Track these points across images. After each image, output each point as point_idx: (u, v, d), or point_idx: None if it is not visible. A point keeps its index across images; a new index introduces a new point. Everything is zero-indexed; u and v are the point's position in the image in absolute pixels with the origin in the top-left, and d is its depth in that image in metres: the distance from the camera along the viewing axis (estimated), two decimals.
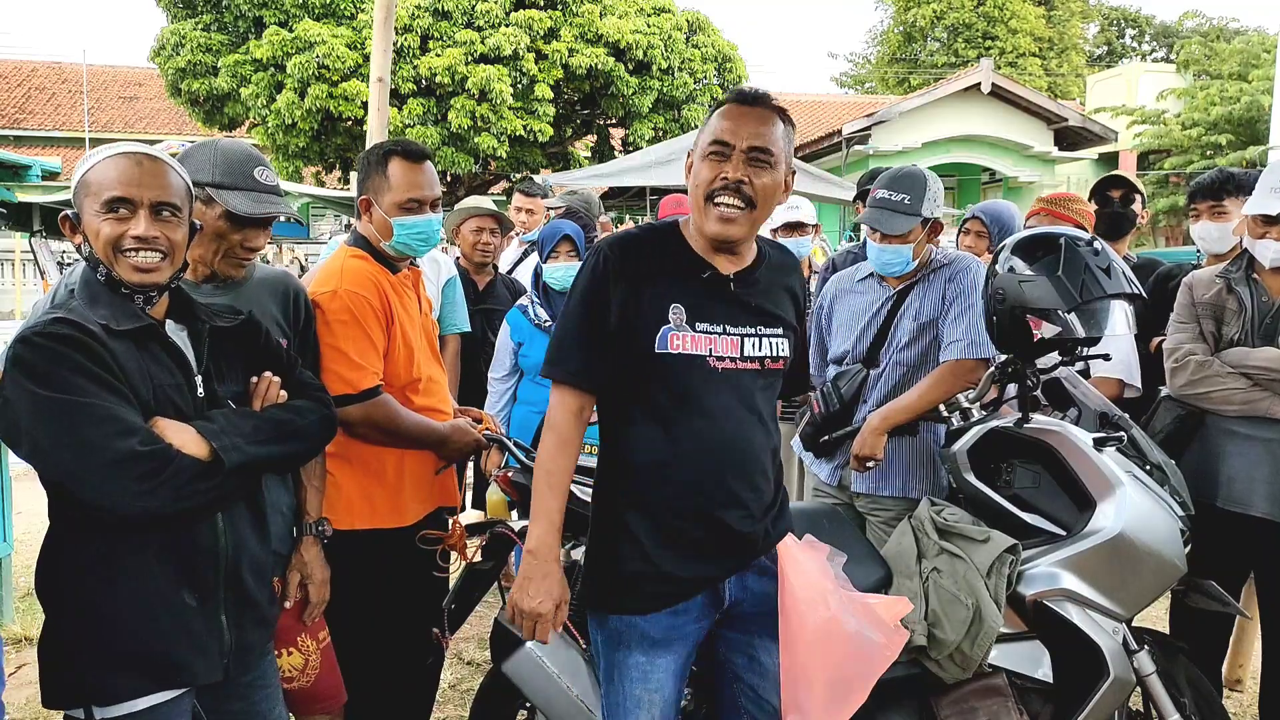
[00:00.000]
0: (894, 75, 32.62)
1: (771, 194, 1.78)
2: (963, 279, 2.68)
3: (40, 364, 1.50)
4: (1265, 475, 2.53)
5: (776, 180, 1.78)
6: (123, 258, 1.59)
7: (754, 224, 1.78)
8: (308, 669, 2.14)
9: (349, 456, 2.27)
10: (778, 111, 1.79)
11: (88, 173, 1.61)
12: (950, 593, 2.17)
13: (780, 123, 1.78)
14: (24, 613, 4.05)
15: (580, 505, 2.40)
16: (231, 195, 1.96)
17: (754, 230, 1.81)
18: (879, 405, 2.66)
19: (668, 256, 1.80)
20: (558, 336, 1.82)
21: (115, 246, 1.58)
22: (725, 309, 1.79)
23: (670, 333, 1.74)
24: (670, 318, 1.74)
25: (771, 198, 1.78)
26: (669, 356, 1.73)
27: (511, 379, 3.75)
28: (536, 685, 2.28)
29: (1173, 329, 2.75)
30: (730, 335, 1.78)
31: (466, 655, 3.67)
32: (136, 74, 25.40)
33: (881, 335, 2.75)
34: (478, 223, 4.10)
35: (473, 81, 14.76)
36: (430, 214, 2.34)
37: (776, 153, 1.75)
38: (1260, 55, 18.30)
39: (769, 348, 1.82)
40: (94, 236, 1.59)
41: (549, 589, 1.78)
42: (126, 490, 1.51)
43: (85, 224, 1.60)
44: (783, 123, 1.79)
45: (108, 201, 1.58)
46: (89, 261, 1.62)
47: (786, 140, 1.80)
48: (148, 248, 1.59)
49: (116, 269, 1.59)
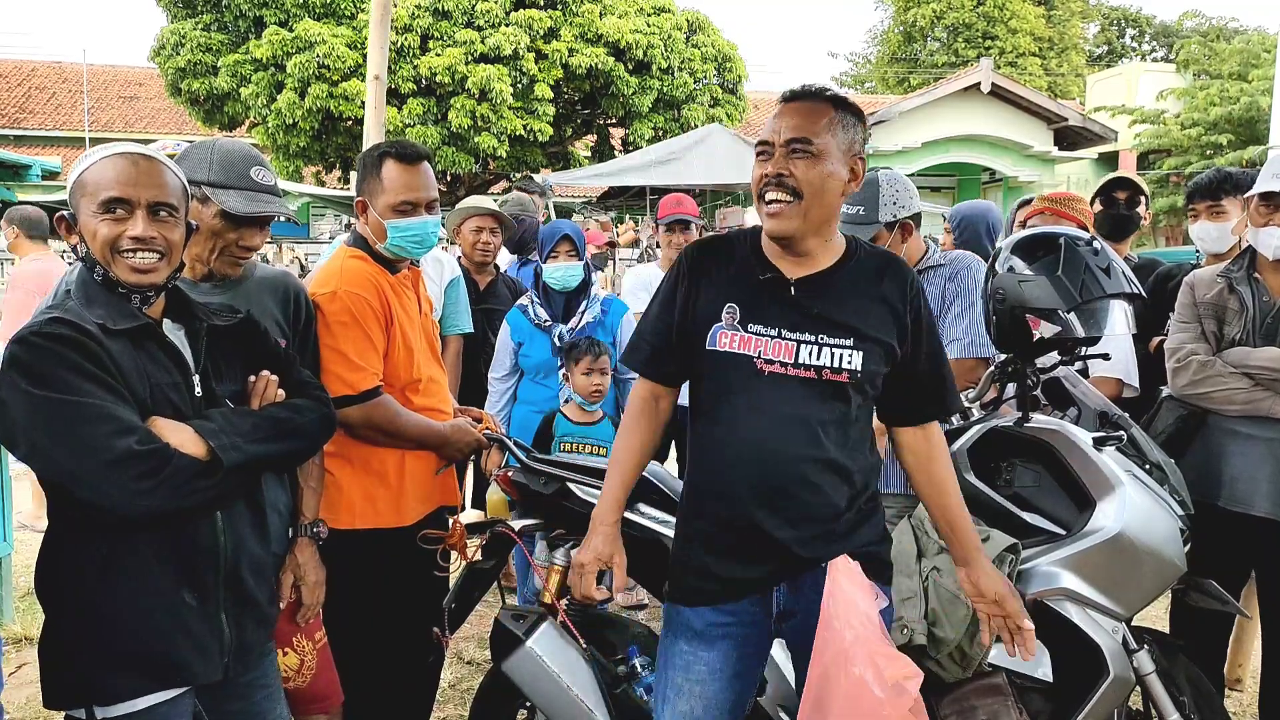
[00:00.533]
0: (894, 75, 32.62)
1: (820, 183, 1.72)
2: (963, 278, 2.68)
3: (37, 364, 1.50)
4: (1267, 475, 2.53)
5: (826, 170, 1.72)
6: (120, 258, 1.59)
7: (806, 216, 1.73)
8: (303, 669, 2.14)
9: (350, 457, 2.27)
10: (831, 102, 1.76)
11: (84, 173, 1.61)
12: (950, 592, 2.17)
13: (832, 112, 1.75)
14: (24, 612, 4.05)
15: (582, 505, 2.40)
16: (227, 194, 1.96)
17: (809, 224, 1.74)
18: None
19: (736, 258, 1.84)
20: (637, 328, 1.95)
21: (113, 247, 1.58)
22: (783, 312, 1.77)
23: (720, 330, 1.78)
24: (723, 316, 1.78)
25: (822, 187, 1.72)
26: (716, 354, 1.78)
27: (511, 379, 3.75)
28: (536, 685, 2.29)
29: (1174, 329, 2.75)
30: (786, 340, 1.75)
31: (466, 655, 3.67)
32: (136, 74, 25.40)
33: None
34: (478, 222, 4.10)
35: (473, 81, 14.77)
36: (425, 216, 2.33)
37: (819, 142, 1.72)
38: (1260, 55, 18.30)
39: (830, 357, 1.74)
40: (91, 237, 1.58)
41: (594, 545, 1.87)
42: (125, 489, 1.51)
43: (82, 224, 1.60)
44: (836, 110, 1.76)
45: (105, 202, 1.58)
46: (85, 262, 1.62)
47: (842, 129, 1.75)
48: (145, 248, 1.59)
49: (114, 269, 1.59)
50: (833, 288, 1.79)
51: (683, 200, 4.23)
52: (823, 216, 1.76)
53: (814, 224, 1.75)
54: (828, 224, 1.79)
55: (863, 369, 1.75)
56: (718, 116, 16.66)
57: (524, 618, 2.37)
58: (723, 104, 17.42)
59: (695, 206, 4.26)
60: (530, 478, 2.46)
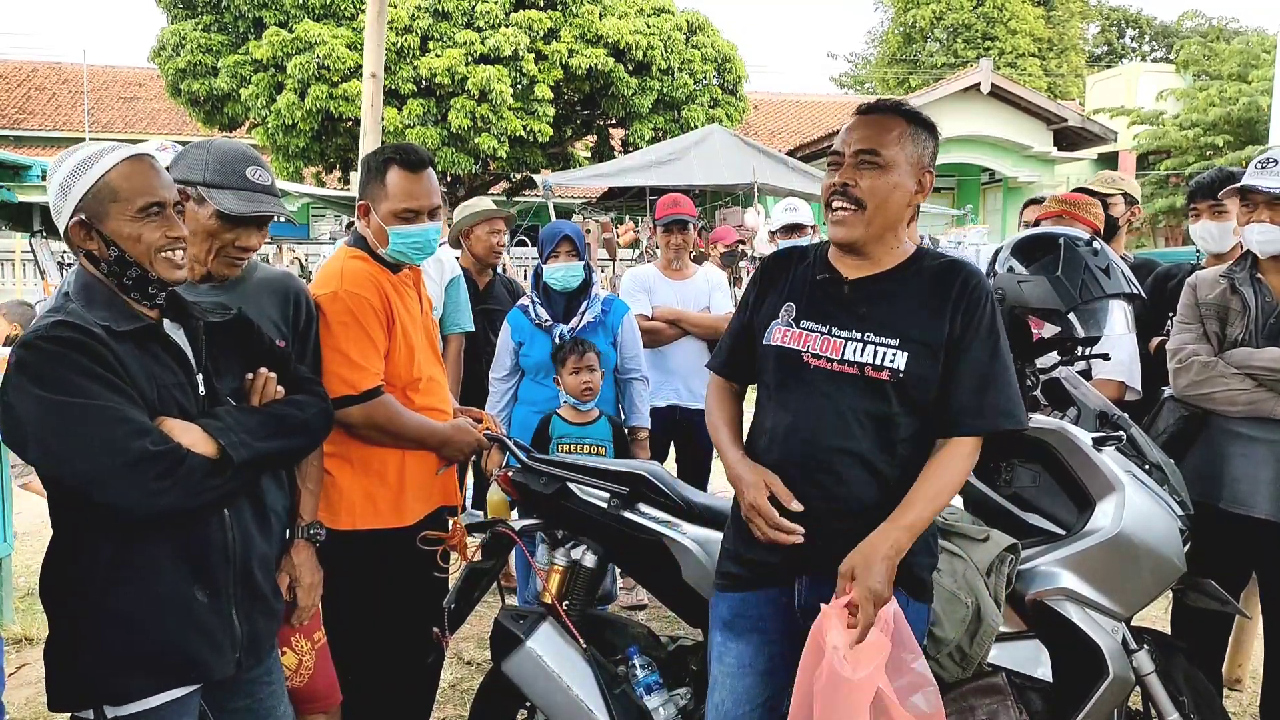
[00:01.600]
0: (894, 76, 32.61)
1: (885, 194, 1.78)
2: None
3: (46, 368, 1.51)
4: (1269, 477, 2.53)
5: (891, 181, 1.78)
6: (161, 258, 1.63)
7: (869, 225, 1.80)
8: (301, 669, 2.14)
9: (350, 457, 2.27)
10: (904, 116, 1.81)
11: (107, 179, 1.60)
12: (950, 592, 2.17)
13: (902, 125, 1.80)
14: (24, 613, 4.04)
15: (582, 506, 2.40)
16: (222, 195, 1.96)
17: (871, 232, 1.81)
18: None
19: (803, 262, 1.94)
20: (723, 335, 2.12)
21: (158, 248, 1.62)
22: (835, 311, 1.84)
23: (776, 326, 1.89)
24: (781, 313, 1.89)
25: (886, 198, 1.79)
26: (770, 348, 1.88)
27: (512, 379, 3.75)
28: (536, 685, 2.29)
29: (1176, 329, 2.74)
30: (834, 337, 1.81)
31: (466, 655, 3.67)
32: (136, 74, 25.37)
33: None
34: (491, 225, 4.14)
35: (473, 82, 14.76)
36: (427, 223, 2.32)
37: (887, 154, 1.78)
38: (1260, 55, 18.31)
39: (874, 355, 1.77)
40: (133, 241, 1.60)
41: (745, 479, 1.85)
42: (142, 491, 1.52)
43: (114, 229, 1.60)
44: (908, 124, 1.81)
45: (144, 207, 1.61)
46: (114, 264, 1.62)
47: (912, 142, 1.80)
48: (179, 245, 1.65)
49: (155, 269, 1.62)
50: (888, 289, 1.83)
51: (680, 200, 4.23)
52: (886, 225, 1.82)
53: (877, 232, 1.82)
54: (892, 232, 1.84)
55: (905, 369, 1.76)
56: (718, 117, 16.66)
57: (524, 618, 2.37)
58: (723, 105, 17.42)
59: (692, 206, 4.25)
60: (531, 478, 2.46)
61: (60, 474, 1.55)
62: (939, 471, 1.78)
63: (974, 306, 1.79)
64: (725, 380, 2.07)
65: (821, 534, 1.79)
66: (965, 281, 1.80)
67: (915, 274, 1.84)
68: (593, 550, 2.42)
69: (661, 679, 2.37)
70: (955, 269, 1.84)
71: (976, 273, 1.83)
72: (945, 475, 1.78)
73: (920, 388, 1.78)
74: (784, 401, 1.86)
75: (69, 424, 1.50)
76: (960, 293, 1.79)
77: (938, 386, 1.79)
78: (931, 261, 1.86)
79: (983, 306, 1.79)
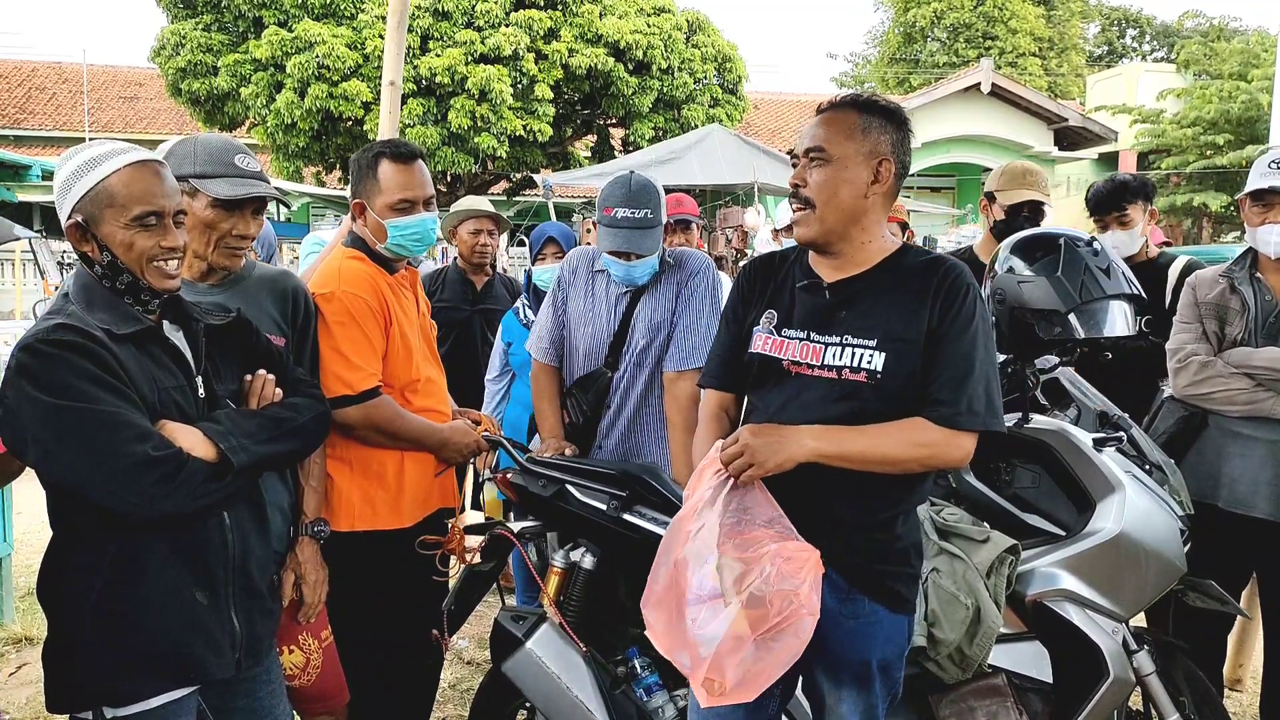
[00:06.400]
0: (894, 75, 32.62)
1: (833, 190, 1.76)
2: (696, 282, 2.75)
3: (47, 371, 1.50)
4: (1269, 478, 2.52)
5: (839, 176, 1.75)
6: (153, 267, 1.62)
7: (822, 222, 1.77)
8: (309, 667, 2.14)
9: (349, 458, 2.27)
10: (858, 108, 1.78)
11: (106, 183, 1.59)
12: (950, 593, 2.17)
13: (855, 118, 1.77)
14: (24, 613, 4.04)
15: (580, 508, 2.40)
16: (215, 183, 1.97)
17: (826, 229, 1.78)
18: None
19: (784, 268, 1.92)
20: (712, 347, 2.06)
21: (149, 258, 1.61)
22: (815, 316, 1.82)
23: (758, 334, 1.87)
24: (762, 322, 1.88)
25: (835, 194, 1.76)
26: (753, 356, 1.87)
27: (503, 380, 3.76)
28: (536, 685, 2.28)
29: (1176, 329, 2.75)
30: (814, 342, 1.80)
31: (466, 655, 3.67)
32: (136, 74, 25.36)
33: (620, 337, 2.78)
34: (475, 224, 4.10)
35: (473, 81, 14.75)
36: (424, 213, 2.33)
37: (833, 149, 1.75)
38: (1260, 55, 18.31)
39: (851, 358, 1.76)
40: (125, 249, 1.60)
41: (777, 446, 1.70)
42: (146, 495, 1.52)
43: (107, 235, 1.60)
44: (862, 115, 1.77)
45: (139, 216, 1.59)
46: (106, 268, 1.61)
47: (863, 134, 1.76)
48: (174, 256, 1.64)
49: (146, 278, 1.61)
50: (867, 290, 1.80)
51: (683, 200, 4.22)
52: (841, 220, 1.78)
53: (833, 227, 1.79)
54: (856, 226, 1.79)
55: (884, 370, 1.73)
56: (718, 116, 16.65)
57: (523, 619, 2.36)
58: (723, 104, 17.41)
59: (695, 206, 4.25)
60: (529, 480, 2.45)
61: (61, 478, 1.56)
62: (888, 428, 1.71)
63: (952, 298, 1.74)
64: (722, 395, 1.99)
65: (807, 540, 1.74)
66: (945, 274, 1.77)
67: (896, 270, 1.81)
68: (591, 552, 2.42)
69: (662, 680, 2.36)
70: (937, 263, 1.82)
71: (958, 266, 1.80)
72: (891, 434, 1.71)
73: (901, 385, 1.74)
74: (765, 409, 1.84)
75: (70, 428, 1.49)
76: (940, 285, 1.76)
77: (920, 379, 1.75)
78: (915, 258, 1.83)
79: (961, 298, 1.75)
